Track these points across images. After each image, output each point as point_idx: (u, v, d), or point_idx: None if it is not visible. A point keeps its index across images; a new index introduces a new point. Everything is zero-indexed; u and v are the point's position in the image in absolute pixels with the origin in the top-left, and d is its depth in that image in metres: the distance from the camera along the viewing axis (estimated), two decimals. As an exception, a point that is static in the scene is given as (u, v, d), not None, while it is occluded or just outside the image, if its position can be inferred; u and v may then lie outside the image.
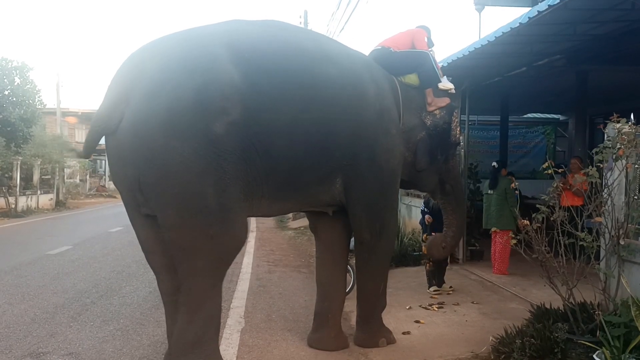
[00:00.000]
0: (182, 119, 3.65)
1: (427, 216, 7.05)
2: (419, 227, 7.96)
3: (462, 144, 6.90)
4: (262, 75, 3.95)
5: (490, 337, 4.71)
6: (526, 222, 4.51)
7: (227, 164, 3.74)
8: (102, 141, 4.01)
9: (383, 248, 4.88)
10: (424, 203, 7.30)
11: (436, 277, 7.08)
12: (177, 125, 3.64)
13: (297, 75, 4.12)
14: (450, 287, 7.10)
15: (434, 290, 6.89)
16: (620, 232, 4.31)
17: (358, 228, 4.79)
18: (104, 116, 3.77)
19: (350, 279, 6.35)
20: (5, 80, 19.93)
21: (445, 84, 5.20)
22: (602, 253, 4.57)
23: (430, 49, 5.24)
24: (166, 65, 3.80)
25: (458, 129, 5.28)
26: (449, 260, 7.76)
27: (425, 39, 5.25)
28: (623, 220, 4.33)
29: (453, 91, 5.27)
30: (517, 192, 10.03)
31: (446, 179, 5.42)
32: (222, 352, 4.70)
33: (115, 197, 32.64)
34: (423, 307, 6.17)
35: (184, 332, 3.89)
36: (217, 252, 3.88)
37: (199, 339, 3.87)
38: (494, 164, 8.24)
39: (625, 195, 4.45)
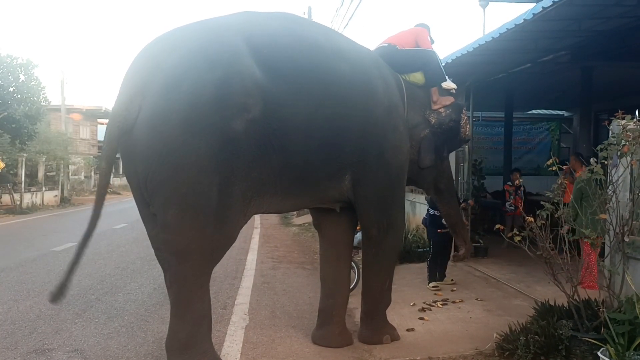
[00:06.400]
0: (202, 115, 3.59)
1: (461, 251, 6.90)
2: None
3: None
4: (281, 70, 3.93)
5: (495, 334, 4.72)
6: (530, 219, 4.49)
7: (239, 162, 3.72)
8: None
9: (390, 244, 4.88)
10: (428, 203, 7.29)
11: (438, 271, 7.12)
12: (196, 121, 3.59)
13: (313, 71, 4.12)
14: (452, 280, 7.13)
15: (433, 286, 6.93)
16: (625, 229, 4.30)
17: (365, 224, 4.80)
18: (122, 111, 3.67)
19: (354, 275, 6.36)
20: (10, 77, 19.98)
21: (449, 83, 5.20)
22: (607, 250, 4.56)
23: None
24: (185, 57, 3.73)
25: (468, 126, 5.28)
26: (451, 255, 7.77)
27: (428, 38, 5.26)
28: (628, 217, 4.32)
29: (455, 91, 5.27)
30: (522, 188, 10.09)
31: (439, 179, 5.43)
32: (226, 349, 4.75)
33: (120, 194, 32.74)
34: (427, 304, 6.17)
35: (176, 333, 3.89)
36: (209, 252, 3.87)
37: (192, 339, 3.87)
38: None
39: (630, 192, 4.44)
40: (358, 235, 5.47)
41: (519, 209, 9.54)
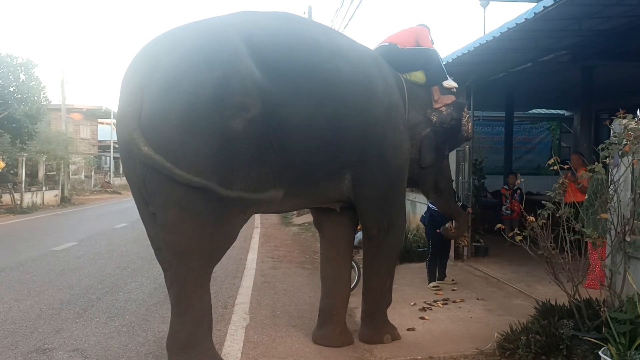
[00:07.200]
0: (201, 115, 3.58)
1: (448, 224, 6.93)
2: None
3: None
4: (280, 70, 3.91)
5: (495, 334, 4.71)
6: (532, 218, 4.49)
7: (238, 162, 3.71)
8: (105, 137, 3.91)
9: (390, 244, 4.87)
10: (429, 202, 7.28)
11: (438, 271, 7.12)
12: (196, 121, 3.57)
13: (312, 70, 4.09)
14: (453, 280, 7.13)
15: (434, 286, 6.93)
16: (626, 229, 4.30)
17: (366, 224, 4.79)
18: (128, 112, 3.64)
19: (355, 275, 6.36)
20: (11, 77, 19.95)
21: (450, 82, 5.20)
22: (608, 249, 4.56)
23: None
24: (184, 57, 3.71)
25: (469, 124, 5.28)
26: (451, 254, 7.78)
27: (429, 37, 5.26)
28: (629, 216, 4.32)
29: (456, 90, 5.27)
30: (519, 191, 10.07)
31: (440, 178, 5.42)
32: (226, 348, 4.75)
33: (120, 194, 32.79)
34: (428, 304, 6.16)
35: (177, 333, 3.89)
36: (209, 251, 3.86)
37: (192, 339, 3.87)
38: None
39: (632, 191, 4.43)
40: (359, 235, 5.46)
41: (515, 213, 9.58)
